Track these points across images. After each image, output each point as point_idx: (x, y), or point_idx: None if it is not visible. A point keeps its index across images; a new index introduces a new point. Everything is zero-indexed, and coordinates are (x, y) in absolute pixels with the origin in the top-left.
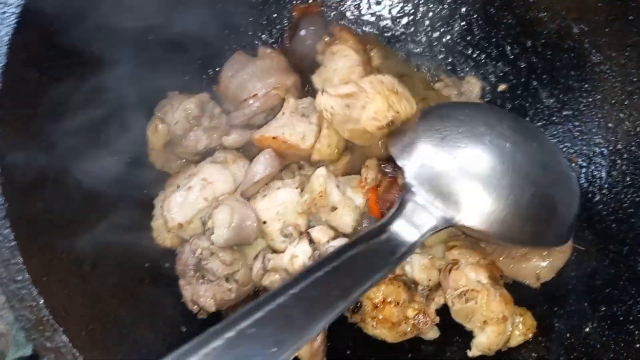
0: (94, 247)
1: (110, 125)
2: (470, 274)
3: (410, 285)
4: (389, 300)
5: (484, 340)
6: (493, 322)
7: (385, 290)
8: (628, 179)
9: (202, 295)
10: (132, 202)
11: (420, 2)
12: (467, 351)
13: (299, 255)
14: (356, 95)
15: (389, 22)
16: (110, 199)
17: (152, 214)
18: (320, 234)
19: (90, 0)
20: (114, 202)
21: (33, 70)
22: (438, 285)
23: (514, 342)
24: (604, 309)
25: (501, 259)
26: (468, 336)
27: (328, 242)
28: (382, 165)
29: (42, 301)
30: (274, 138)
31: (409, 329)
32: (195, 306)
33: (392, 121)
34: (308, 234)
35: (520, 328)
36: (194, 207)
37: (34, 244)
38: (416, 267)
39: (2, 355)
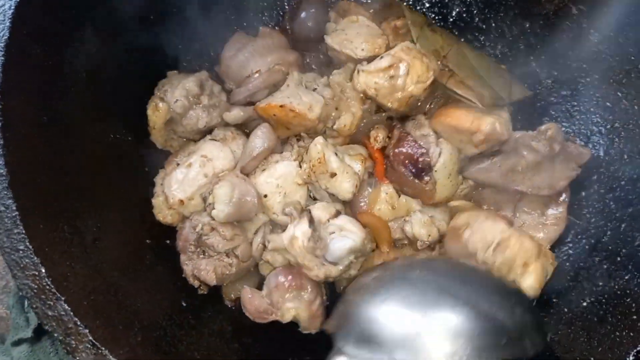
0: (96, 219)
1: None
2: (491, 228)
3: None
4: None
5: (532, 280)
6: (533, 259)
7: None
8: (625, 156)
9: (202, 269)
10: (133, 178)
11: None
12: None
13: (298, 237)
14: (395, 65)
15: None
16: (112, 172)
17: (153, 191)
18: (320, 211)
19: None
20: (115, 175)
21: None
22: (437, 242)
23: (549, 275)
24: (601, 284)
25: None
26: None
27: (329, 220)
28: (393, 124)
29: (43, 270)
30: (281, 106)
31: None
32: (196, 281)
33: (434, 80)
34: (309, 211)
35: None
36: (194, 183)
37: (37, 215)
38: (415, 223)
39: (2, 338)
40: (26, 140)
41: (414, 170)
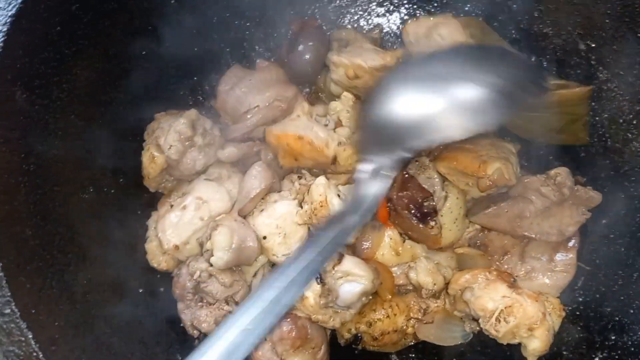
0: (85, 271)
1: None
2: (492, 294)
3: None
4: (387, 331)
5: (538, 344)
6: (537, 324)
7: (382, 325)
8: (636, 201)
9: (203, 321)
10: (124, 223)
11: None
12: None
13: (309, 297)
14: None
15: (392, 37)
16: (102, 220)
17: (145, 235)
18: None
19: None
20: (104, 221)
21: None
22: (442, 290)
23: (557, 328)
24: (613, 337)
25: None
26: None
27: (334, 268)
28: None
29: (30, 335)
30: (299, 137)
31: (408, 341)
32: (196, 331)
33: None
34: None
35: (553, 313)
36: (189, 227)
37: (23, 273)
38: (421, 271)
39: None
40: (6, 190)
41: (418, 215)
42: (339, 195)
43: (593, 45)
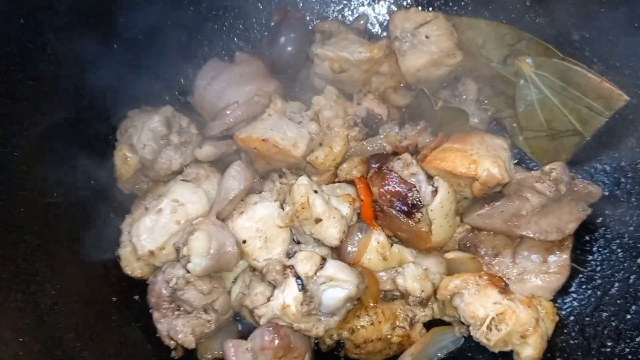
0: (53, 281)
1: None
2: (483, 301)
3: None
4: (371, 339)
5: (531, 351)
6: (530, 331)
7: (365, 333)
8: (633, 199)
9: (180, 331)
10: (96, 228)
11: None
12: None
13: (290, 304)
14: None
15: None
16: (71, 226)
17: (119, 240)
18: (305, 265)
19: None
20: (75, 226)
21: None
22: (430, 298)
23: (550, 333)
24: (610, 344)
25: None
26: None
27: (316, 273)
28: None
29: None
30: (263, 140)
31: (393, 351)
32: (172, 341)
33: None
34: (292, 268)
35: (547, 317)
36: (165, 232)
37: None
38: (409, 277)
39: None
40: None
41: (404, 208)
42: (321, 196)
43: (587, 35)
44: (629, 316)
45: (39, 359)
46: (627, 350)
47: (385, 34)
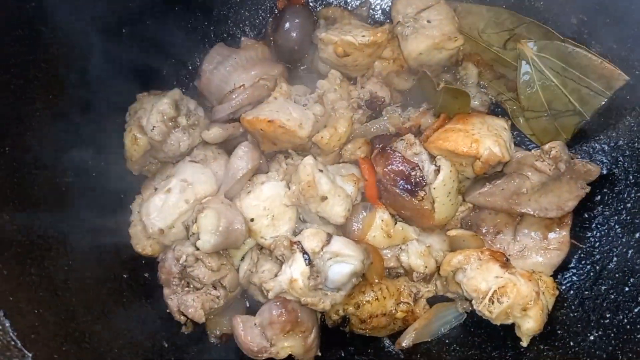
0: (66, 257)
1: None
2: (485, 275)
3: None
4: (376, 314)
5: (532, 324)
6: (531, 303)
7: (370, 308)
8: (631, 177)
9: (190, 306)
10: (107, 207)
11: None
12: (521, 342)
13: (297, 279)
14: None
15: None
16: (84, 204)
17: (129, 219)
18: (311, 241)
19: None
20: (88, 207)
21: None
22: (433, 274)
23: (551, 307)
24: (608, 315)
25: None
26: None
27: (322, 248)
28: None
29: (8, 324)
30: (269, 121)
31: (398, 327)
32: (182, 316)
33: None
34: (299, 244)
35: (547, 292)
36: (174, 211)
37: (0, 260)
38: (412, 254)
39: None
40: None
41: (407, 187)
42: (327, 175)
43: (585, 19)
44: (627, 289)
45: (53, 331)
46: (625, 320)
47: (388, 20)
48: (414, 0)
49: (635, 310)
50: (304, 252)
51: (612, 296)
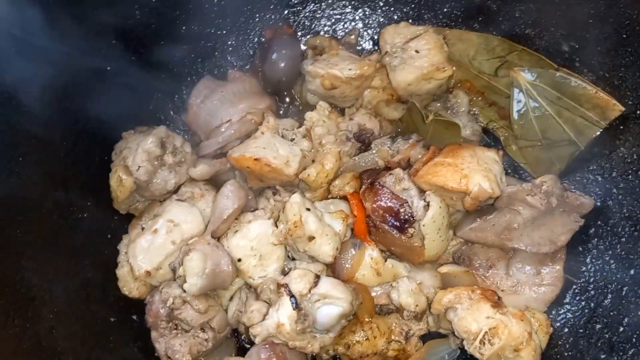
0: (51, 304)
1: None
2: (476, 315)
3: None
4: (367, 353)
5: None
6: (524, 344)
7: (360, 348)
8: (625, 210)
9: (177, 351)
10: (94, 248)
11: None
12: None
13: (284, 323)
14: None
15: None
16: (69, 248)
17: (116, 260)
18: (299, 283)
19: None
20: (72, 247)
21: None
22: (424, 312)
23: (544, 345)
24: (603, 357)
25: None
26: None
27: (310, 290)
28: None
29: None
30: (256, 159)
31: None
32: None
33: None
34: (286, 286)
35: (540, 329)
36: (161, 252)
37: None
38: (403, 292)
39: None
40: None
41: (396, 224)
42: (315, 213)
43: (577, 46)
44: (621, 328)
45: None
46: None
47: (376, 48)
48: (401, 30)
49: (630, 352)
50: (291, 295)
51: (607, 335)
